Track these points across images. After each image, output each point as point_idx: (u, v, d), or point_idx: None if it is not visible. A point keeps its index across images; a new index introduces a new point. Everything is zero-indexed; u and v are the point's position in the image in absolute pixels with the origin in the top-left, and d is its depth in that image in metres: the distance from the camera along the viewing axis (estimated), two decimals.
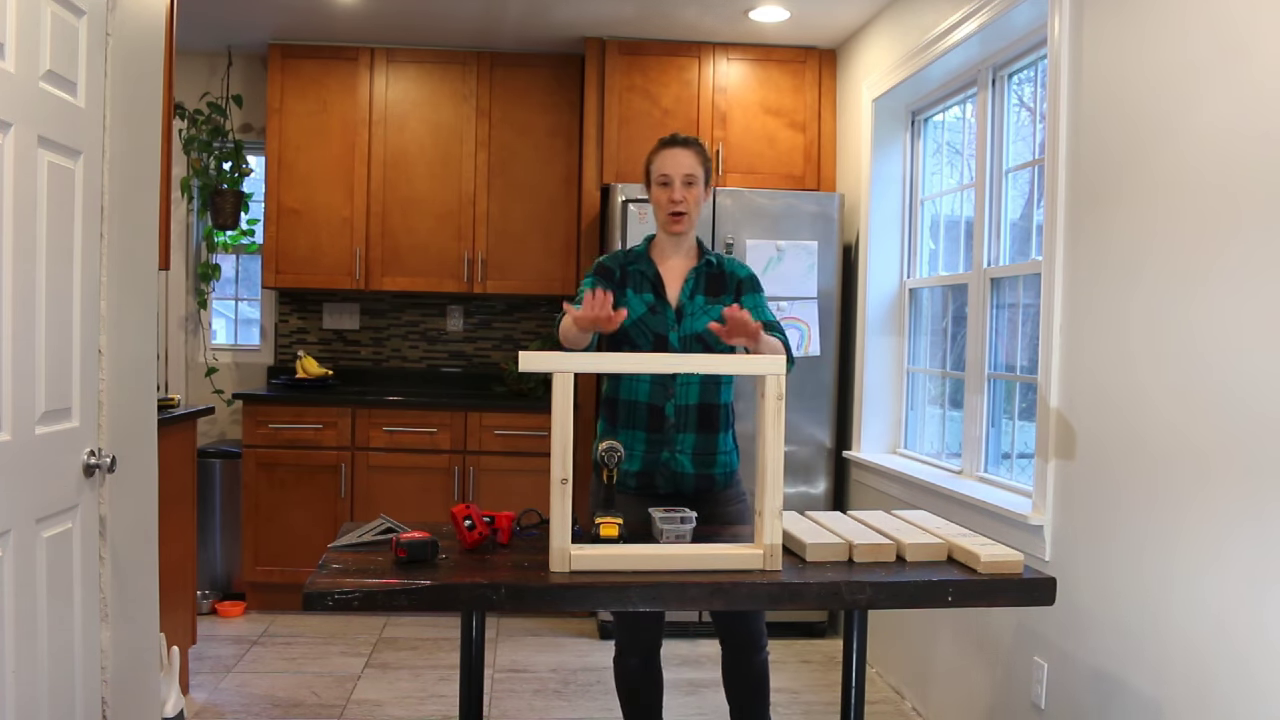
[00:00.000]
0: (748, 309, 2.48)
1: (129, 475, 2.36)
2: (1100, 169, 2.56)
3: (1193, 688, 2.17)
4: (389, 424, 4.54)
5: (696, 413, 2.59)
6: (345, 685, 3.68)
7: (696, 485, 2.62)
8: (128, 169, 2.31)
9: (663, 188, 2.58)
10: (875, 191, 4.17)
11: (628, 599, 1.92)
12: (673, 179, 2.56)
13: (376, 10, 4.35)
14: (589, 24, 4.44)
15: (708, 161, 2.62)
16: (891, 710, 3.63)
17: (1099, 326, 2.54)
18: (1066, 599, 2.62)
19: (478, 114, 4.87)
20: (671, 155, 2.58)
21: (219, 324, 5.34)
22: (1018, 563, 2.04)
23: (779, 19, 4.26)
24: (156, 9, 2.49)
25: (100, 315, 2.22)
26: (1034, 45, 3.18)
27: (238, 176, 4.96)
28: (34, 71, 1.91)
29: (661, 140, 2.64)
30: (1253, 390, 2.00)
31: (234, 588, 4.64)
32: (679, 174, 2.56)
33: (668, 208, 2.58)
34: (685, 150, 2.58)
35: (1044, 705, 2.75)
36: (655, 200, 2.61)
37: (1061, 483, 2.70)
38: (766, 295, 2.78)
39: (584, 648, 4.18)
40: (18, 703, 1.88)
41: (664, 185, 2.58)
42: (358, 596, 1.83)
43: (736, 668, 2.68)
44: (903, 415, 4.20)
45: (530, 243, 4.90)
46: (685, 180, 2.57)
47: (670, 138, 2.63)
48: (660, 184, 2.58)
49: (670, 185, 2.57)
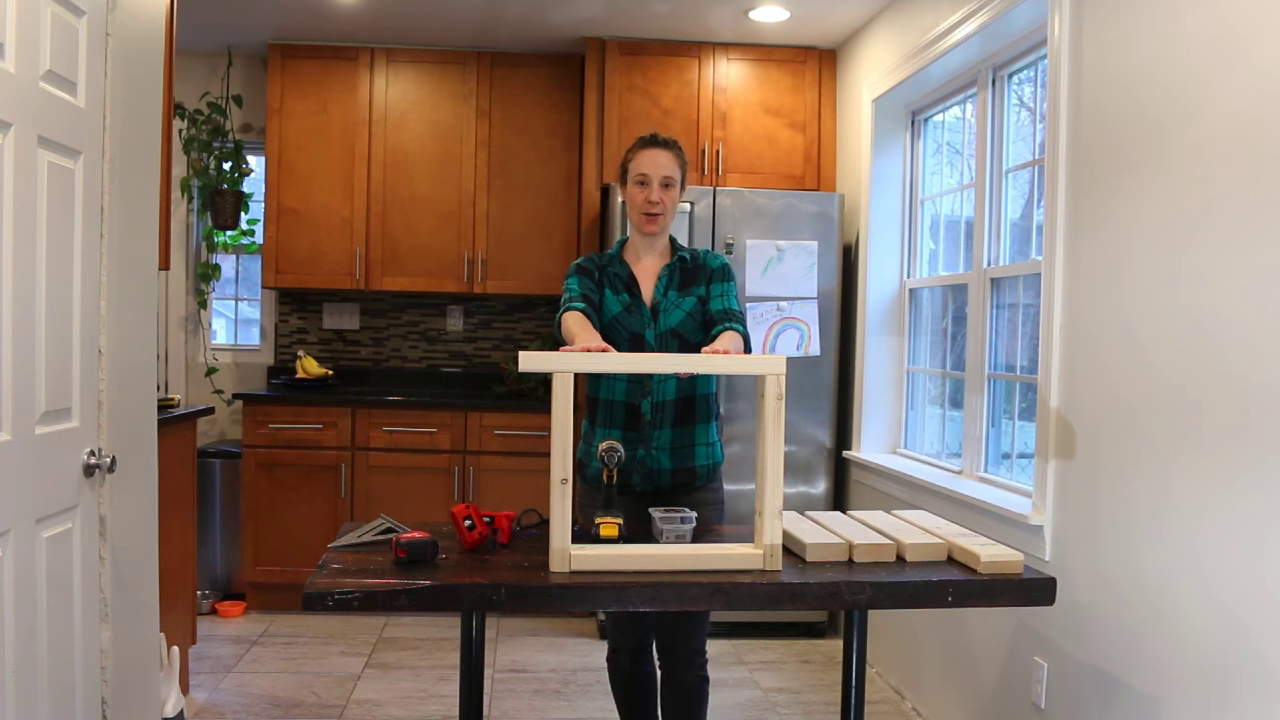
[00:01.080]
0: (715, 296, 2.60)
1: (129, 475, 2.36)
2: (1100, 169, 2.56)
3: (1193, 687, 2.17)
4: (389, 424, 4.54)
5: (674, 407, 2.58)
6: (345, 685, 3.68)
7: (674, 480, 2.61)
8: (128, 169, 2.31)
9: (640, 187, 2.57)
10: (875, 191, 4.17)
11: (628, 599, 1.92)
12: (651, 179, 2.56)
13: (376, 10, 4.35)
14: (589, 24, 4.44)
15: (685, 164, 2.63)
16: (891, 710, 3.63)
17: (1099, 326, 2.54)
18: (1066, 599, 2.62)
19: (478, 114, 4.87)
20: (651, 156, 2.57)
21: (219, 324, 5.34)
22: (1018, 563, 2.04)
23: (779, 19, 4.26)
24: (156, 9, 2.49)
25: (100, 315, 2.22)
26: (1034, 45, 3.18)
27: (238, 176, 4.96)
28: (34, 71, 1.91)
29: (641, 139, 2.63)
30: (1253, 389, 2.00)
31: (234, 588, 4.64)
32: (657, 175, 2.56)
33: (643, 208, 2.58)
34: (665, 151, 2.58)
35: (1044, 705, 2.75)
36: (630, 199, 2.60)
37: (1061, 483, 2.70)
38: (767, 295, 2.78)
39: (584, 648, 4.18)
40: (18, 703, 1.88)
41: (641, 185, 2.57)
42: (358, 596, 1.83)
43: (671, 683, 2.68)
44: (903, 415, 4.20)
45: (530, 243, 4.90)
46: (663, 182, 2.57)
47: (650, 138, 2.62)
48: (638, 183, 2.58)
49: (648, 185, 2.57)
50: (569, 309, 2.51)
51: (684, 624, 2.63)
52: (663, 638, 2.68)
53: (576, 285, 2.60)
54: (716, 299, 2.60)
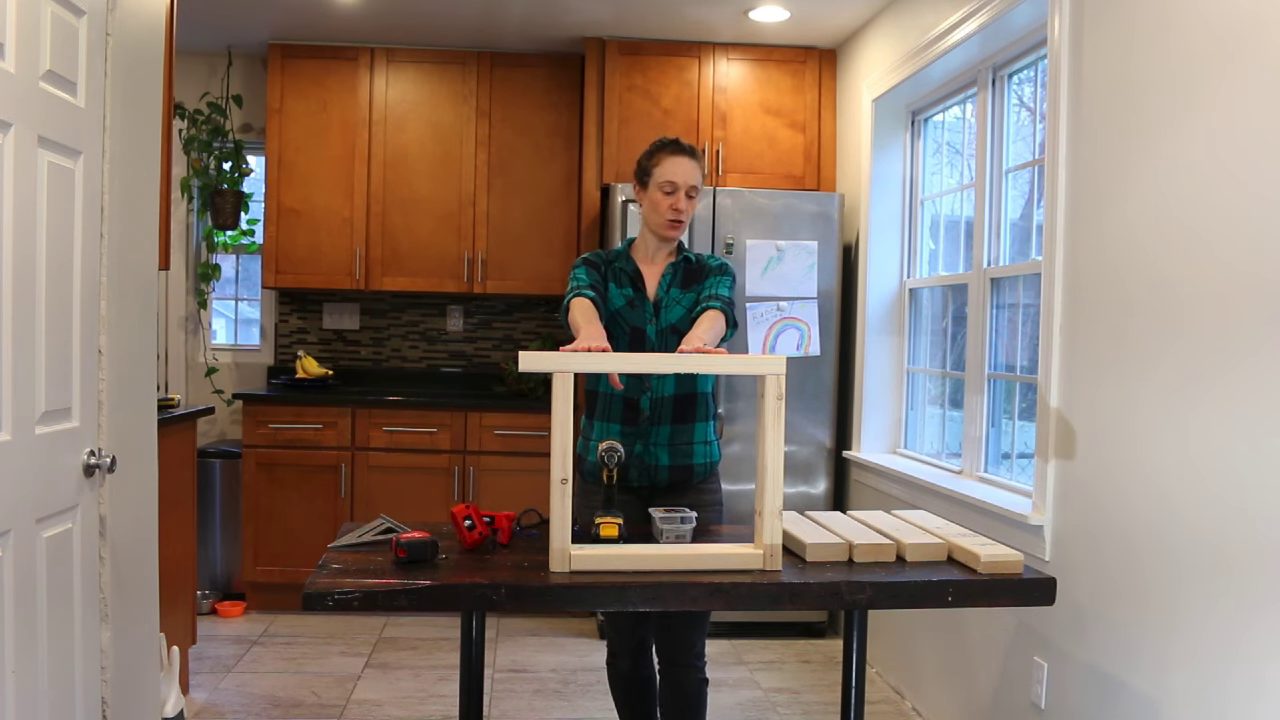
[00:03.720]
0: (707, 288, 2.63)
1: (129, 475, 2.36)
2: (1100, 169, 2.56)
3: (1193, 688, 2.17)
4: (389, 424, 4.54)
5: (673, 404, 2.59)
6: (345, 685, 3.68)
7: (672, 478, 2.61)
8: (128, 169, 2.31)
9: (666, 195, 2.58)
10: (875, 191, 4.17)
11: (628, 599, 1.92)
12: (679, 188, 2.57)
13: (376, 10, 4.35)
14: (589, 24, 4.44)
15: (705, 173, 2.65)
16: (891, 710, 3.63)
17: (1099, 326, 2.54)
18: (1066, 599, 2.62)
19: (478, 114, 4.87)
20: (680, 165, 2.57)
21: (219, 324, 5.34)
22: (1018, 563, 2.04)
23: (779, 19, 4.26)
24: (156, 9, 2.49)
25: (100, 315, 2.22)
26: (1034, 45, 3.18)
27: (238, 176, 4.96)
28: (34, 71, 1.91)
29: (665, 143, 2.62)
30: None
31: (234, 588, 4.64)
32: (686, 184, 2.57)
33: (669, 215, 2.58)
34: (693, 161, 2.59)
35: (1044, 705, 2.75)
36: (654, 203, 2.60)
37: (1061, 483, 2.70)
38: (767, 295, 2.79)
39: (584, 648, 4.18)
40: (18, 703, 1.88)
41: (668, 193, 2.58)
42: (358, 596, 1.83)
43: (670, 685, 2.67)
44: (903, 415, 4.20)
45: (530, 243, 4.90)
46: (689, 192, 2.58)
47: (676, 144, 2.61)
48: (664, 190, 2.58)
49: (676, 194, 2.58)
50: (578, 294, 2.52)
51: (683, 626, 2.63)
52: (662, 640, 2.68)
53: (584, 275, 2.61)
54: (707, 289, 2.63)
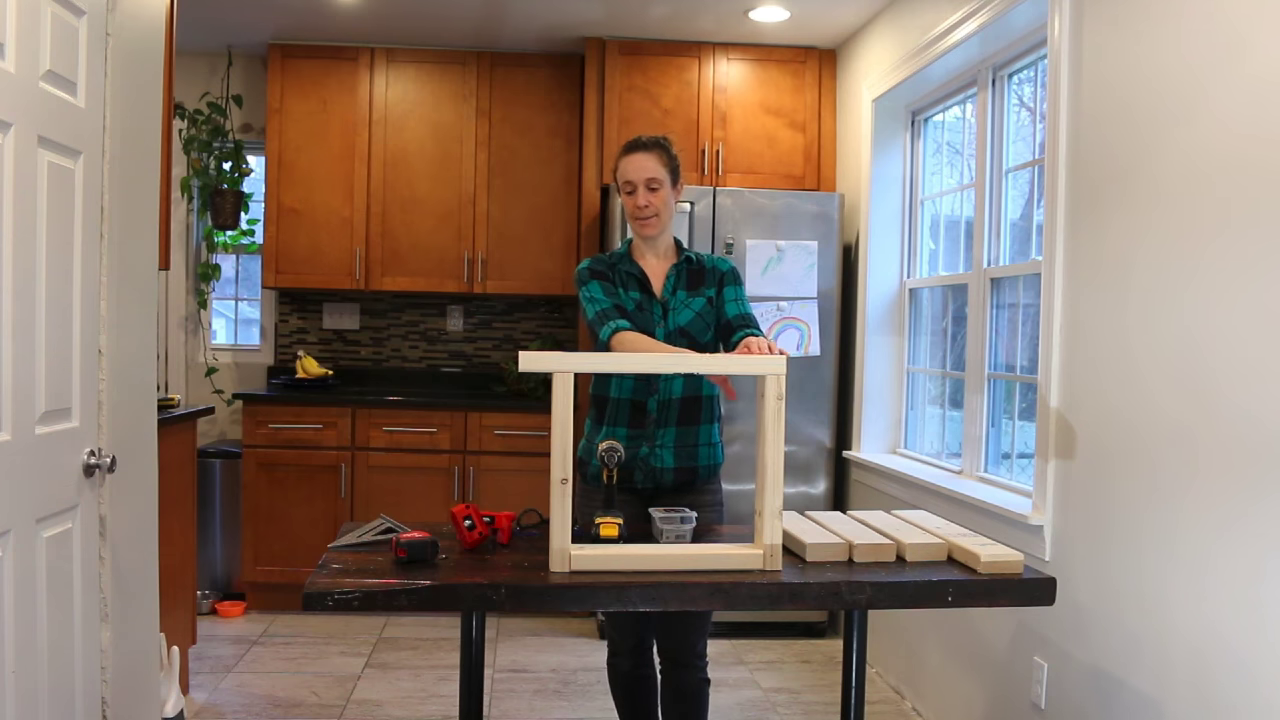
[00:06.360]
0: (729, 300, 2.63)
1: (129, 475, 2.36)
2: (1100, 169, 2.56)
3: (1193, 688, 2.17)
4: (389, 424, 4.54)
5: (679, 406, 2.59)
6: (345, 685, 3.68)
7: (676, 479, 2.61)
8: (128, 169, 2.31)
9: (629, 195, 2.59)
10: (875, 191, 4.17)
11: (628, 599, 1.92)
12: (636, 185, 2.57)
13: (376, 10, 4.35)
14: (589, 24, 4.44)
15: (673, 160, 2.61)
16: (891, 710, 3.63)
17: (1099, 326, 2.54)
18: (1066, 599, 2.62)
19: (478, 114, 4.87)
20: (633, 161, 2.58)
21: (219, 324, 5.34)
22: (1018, 563, 2.04)
23: (779, 19, 4.26)
24: (156, 9, 2.49)
25: (100, 315, 2.22)
26: (1034, 45, 3.18)
27: (238, 176, 4.96)
28: (34, 71, 1.91)
29: (624, 145, 2.64)
30: (1250, 388, 2.00)
31: (234, 588, 4.64)
32: (641, 179, 2.56)
33: (634, 213, 2.60)
34: (646, 154, 2.58)
35: (1044, 705, 2.75)
36: (625, 206, 2.62)
37: (1061, 483, 2.70)
38: (767, 295, 2.79)
39: (584, 648, 4.18)
40: (18, 703, 1.88)
41: (630, 193, 2.59)
42: (358, 596, 1.83)
43: (672, 685, 2.67)
44: (903, 415, 4.20)
45: (530, 243, 4.90)
46: (648, 185, 2.57)
47: (632, 142, 2.62)
48: (626, 192, 2.60)
49: (635, 192, 2.58)
50: (617, 329, 2.47)
51: (685, 626, 2.63)
52: (663, 640, 2.68)
53: (600, 292, 2.58)
54: (731, 303, 2.62)
